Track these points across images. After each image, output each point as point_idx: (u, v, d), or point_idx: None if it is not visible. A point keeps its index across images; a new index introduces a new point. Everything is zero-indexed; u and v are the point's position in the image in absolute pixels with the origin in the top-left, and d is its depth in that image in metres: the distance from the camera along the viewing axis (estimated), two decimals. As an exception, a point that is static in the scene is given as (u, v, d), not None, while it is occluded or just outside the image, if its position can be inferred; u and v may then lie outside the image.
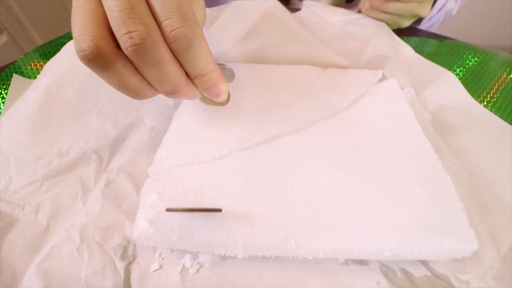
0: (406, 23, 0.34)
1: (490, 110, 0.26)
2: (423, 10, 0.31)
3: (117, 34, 0.13)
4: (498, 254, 0.17)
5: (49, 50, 0.34)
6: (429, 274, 0.16)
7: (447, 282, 0.16)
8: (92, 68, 0.14)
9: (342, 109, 0.21)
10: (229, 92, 0.21)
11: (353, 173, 0.17)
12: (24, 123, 0.23)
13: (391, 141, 0.19)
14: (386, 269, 0.16)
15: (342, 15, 0.35)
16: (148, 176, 0.20)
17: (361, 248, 0.14)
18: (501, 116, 0.26)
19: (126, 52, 0.13)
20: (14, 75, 0.28)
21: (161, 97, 0.26)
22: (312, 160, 0.18)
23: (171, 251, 0.17)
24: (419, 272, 0.16)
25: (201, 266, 0.17)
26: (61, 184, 0.21)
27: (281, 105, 0.21)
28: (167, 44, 0.14)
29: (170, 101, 0.26)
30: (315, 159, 0.18)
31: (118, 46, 0.14)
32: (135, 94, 0.16)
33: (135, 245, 0.18)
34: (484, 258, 0.17)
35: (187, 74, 0.17)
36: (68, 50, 0.27)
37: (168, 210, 0.14)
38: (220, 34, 0.31)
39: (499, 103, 0.28)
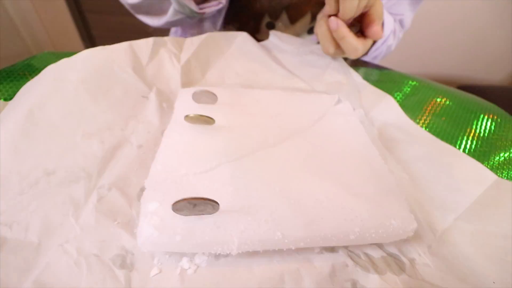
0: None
1: (424, 128, 0.33)
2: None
3: None
4: (434, 236, 0.22)
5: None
6: (384, 254, 0.20)
7: (399, 260, 0.20)
8: None
9: (309, 126, 0.26)
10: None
11: (321, 176, 0.21)
12: (5, 144, 0.23)
13: (348, 151, 0.24)
14: (352, 254, 0.20)
15: (304, 45, 0.41)
16: (141, 189, 0.22)
17: (333, 235, 0.18)
18: (431, 132, 0.32)
19: None
20: (-12, 98, 0.27)
21: (145, 117, 0.28)
22: (288, 168, 0.22)
23: (169, 256, 0.19)
24: (377, 254, 0.20)
25: (198, 267, 0.19)
26: (50, 202, 0.21)
27: (259, 123, 0.25)
28: None
29: (155, 120, 0.28)
30: (291, 167, 0.22)
31: None
32: None
33: (133, 254, 0.19)
34: (424, 240, 0.22)
35: None
36: (50, 74, 0.28)
37: (174, 203, 0.16)
38: (198, 62, 0.34)
39: (428, 122, 0.35)
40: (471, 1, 1.10)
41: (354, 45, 0.32)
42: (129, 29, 1.24)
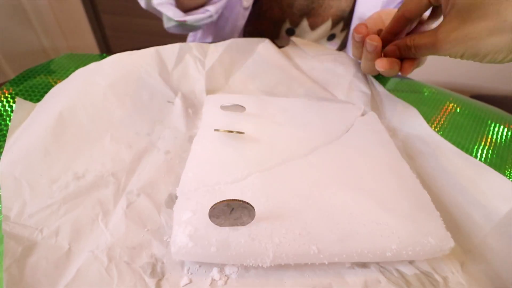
0: None
1: (440, 132, 0.32)
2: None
3: None
4: (466, 253, 0.22)
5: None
6: (417, 272, 0.20)
7: (432, 278, 0.20)
8: None
9: (337, 136, 0.25)
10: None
11: (352, 189, 0.21)
12: (36, 147, 0.23)
13: (378, 164, 0.23)
14: (384, 270, 0.20)
15: (327, 53, 0.40)
16: (169, 195, 0.22)
17: (369, 251, 0.17)
18: (447, 137, 0.31)
19: None
20: (18, 99, 0.27)
21: (172, 123, 0.28)
22: (319, 179, 0.21)
23: (199, 266, 0.19)
24: (409, 270, 0.20)
25: (228, 278, 0.18)
26: (80, 207, 0.21)
27: (288, 133, 0.25)
28: None
29: (181, 126, 0.28)
30: (321, 179, 0.21)
31: None
32: None
33: (163, 262, 0.19)
34: (456, 256, 0.21)
35: None
36: (79, 77, 0.28)
37: (212, 206, 0.16)
38: (222, 68, 0.34)
39: (445, 126, 0.35)
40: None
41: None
42: (141, 30, 1.26)
